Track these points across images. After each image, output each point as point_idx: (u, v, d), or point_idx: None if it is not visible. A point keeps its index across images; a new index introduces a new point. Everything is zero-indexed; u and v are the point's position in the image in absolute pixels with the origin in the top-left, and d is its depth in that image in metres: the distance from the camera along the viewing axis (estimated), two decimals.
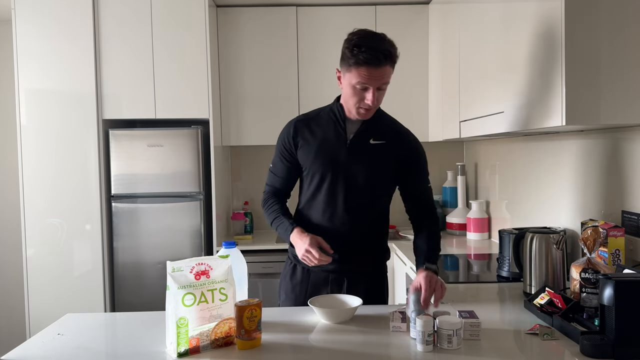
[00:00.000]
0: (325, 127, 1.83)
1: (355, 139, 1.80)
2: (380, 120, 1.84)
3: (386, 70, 1.66)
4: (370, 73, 1.64)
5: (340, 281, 1.85)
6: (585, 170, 2.12)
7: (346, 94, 1.75)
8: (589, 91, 1.62)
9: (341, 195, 1.81)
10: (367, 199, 1.83)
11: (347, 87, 1.72)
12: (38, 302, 3.21)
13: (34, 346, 1.46)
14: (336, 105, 1.85)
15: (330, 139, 1.82)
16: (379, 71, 1.65)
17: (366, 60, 1.63)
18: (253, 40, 3.52)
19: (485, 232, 3.19)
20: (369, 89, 1.68)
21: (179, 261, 1.38)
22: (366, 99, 1.69)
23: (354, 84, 1.68)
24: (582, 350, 1.33)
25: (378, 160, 1.80)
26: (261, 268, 3.21)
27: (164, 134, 3.23)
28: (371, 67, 1.64)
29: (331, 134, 1.82)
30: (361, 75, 1.65)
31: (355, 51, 1.63)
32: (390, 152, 1.81)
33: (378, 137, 1.81)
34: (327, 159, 1.80)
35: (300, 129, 1.85)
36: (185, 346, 1.35)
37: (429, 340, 1.36)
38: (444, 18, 3.19)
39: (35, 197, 3.19)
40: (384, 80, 1.68)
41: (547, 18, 1.74)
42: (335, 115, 1.83)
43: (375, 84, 1.67)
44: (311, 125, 1.85)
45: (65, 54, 3.17)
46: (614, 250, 1.80)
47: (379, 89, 1.69)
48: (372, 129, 1.81)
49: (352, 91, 1.70)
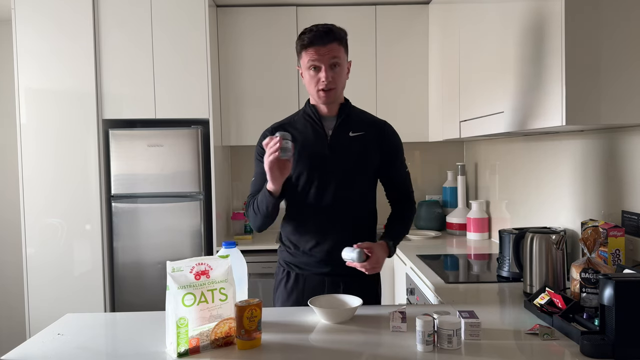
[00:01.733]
0: (303, 128, 1.87)
1: (335, 134, 1.85)
2: (354, 114, 1.90)
3: (332, 47, 1.75)
4: (316, 51, 1.75)
5: (336, 285, 1.85)
6: (585, 170, 2.13)
7: (306, 82, 1.83)
8: (589, 91, 1.62)
9: (330, 191, 1.82)
10: (354, 192, 1.86)
11: (305, 75, 1.81)
12: (38, 302, 3.21)
13: (34, 346, 1.46)
14: (309, 106, 1.89)
15: (310, 139, 1.85)
16: (325, 48, 1.75)
17: (310, 40, 1.75)
18: (253, 40, 3.52)
19: (485, 232, 3.19)
20: (321, 68, 1.76)
21: (179, 261, 1.38)
22: (321, 78, 1.76)
23: (307, 68, 1.78)
24: (582, 350, 1.33)
25: (360, 151, 1.85)
26: (261, 268, 3.21)
27: (164, 134, 3.23)
28: (316, 46, 1.75)
29: (310, 133, 1.86)
30: (309, 55, 1.76)
31: (301, 36, 1.78)
32: (371, 143, 1.87)
33: (356, 129, 1.87)
34: (311, 157, 1.83)
35: (274, 129, 1.87)
36: (185, 346, 1.35)
37: (429, 340, 1.36)
38: (444, 18, 3.19)
39: (35, 197, 3.19)
40: (332, 55, 1.76)
41: (547, 18, 1.74)
42: (310, 116, 1.87)
43: (325, 61, 1.75)
44: (288, 129, 1.86)
45: (65, 54, 3.17)
46: (614, 250, 1.80)
47: (332, 68, 1.77)
48: (349, 122, 1.87)
49: (308, 76, 1.79)
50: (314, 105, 1.88)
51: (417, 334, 1.37)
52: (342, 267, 1.82)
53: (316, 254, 1.85)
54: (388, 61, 3.55)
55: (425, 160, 3.89)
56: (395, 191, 1.97)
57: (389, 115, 2.30)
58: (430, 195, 3.84)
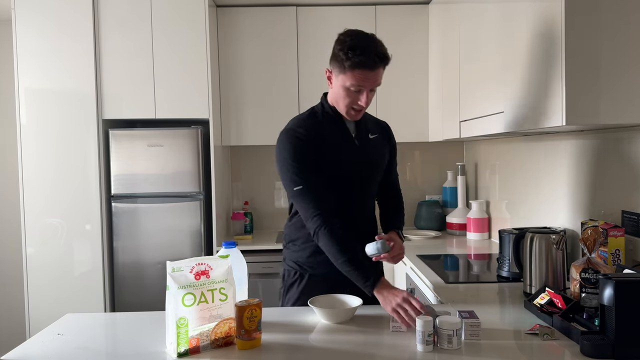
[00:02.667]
0: (329, 129, 1.80)
1: (358, 135, 1.85)
2: (365, 116, 1.89)
3: (380, 72, 1.70)
4: (365, 75, 1.66)
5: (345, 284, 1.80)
6: (585, 170, 2.12)
7: (337, 94, 1.74)
8: (588, 91, 1.62)
9: (358, 190, 1.84)
10: (374, 192, 1.93)
11: (340, 88, 1.72)
12: (38, 302, 3.21)
13: (34, 346, 1.46)
14: (329, 107, 1.81)
15: (337, 139, 1.80)
16: (373, 73, 1.67)
17: (362, 63, 1.63)
18: (253, 40, 3.52)
19: (485, 232, 3.19)
20: (362, 91, 1.70)
21: (179, 261, 1.38)
22: (360, 101, 1.71)
23: (347, 86, 1.69)
24: (582, 350, 1.33)
25: (379, 152, 1.90)
26: (261, 268, 3.21)
27: (164, 134, 3.23)
28: (366, 70, 1.65)
29: (336, 134, 1.81)
30: (356, 78, 1.66)
31: (351, 54, 1.63)
32: (384, 144, 1.93)
33: (371, 131, 1.89)
34: (341, 157, 1.78)
35: (308, 138, 1.75)
36: (185, 346, 1.35)
37: (429, 340, 1.36)
38: (444, 18, 3.19)
39: (35, 197, 3.19)
40: (378, 82, 1.71)
41: (547, 17, 1.74)
42: (332, 117, 1.81)
43: (369, 86, 1.69)
44: (311, 132, 1.76)
45: (65, 54, 3.17)
46: (614, 250, 1.80)
47: (371, 91, 1.72)
48: (365, 124, 1.88)
49: (345, 93, 1.71)
50: (333, 106, 1.81)
51: (417, 334, 1.37)
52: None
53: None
54: None
55: (425, 160, 3.89)
56: (389, 190, 2.00)
57: (389, 115, 2.30)
58: (430, 195, 3.84)
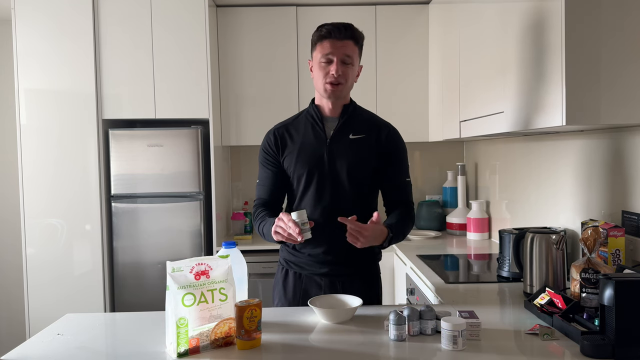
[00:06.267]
0: (304, 130, 1.88)
1: (335, 136, 1.84)
2: (358, 116, 1.89)
3: (348, 43, 1.77)
4: (333, 44, 1.76)
5: (334, 286, 1.85)
6: (586, 171, 2.12)
7: (315, 75, 1.83)
8: (589, 91, 1.62)
9: (328, 193, 1.82)
10: (352, 194, 1.83)
11: (315, 67, 1.82)
12: (38, 302, 3.21)
13: (34, 346, 1.46)
14: (312, 107, 1.89)
15: (310, 140, 1.85)
16: (341, 43, 1.76)
17: (329, 32, 1.77)
18: (253, 40, 3.52)
19: (486, 232, 3.19)
20: (332, 61, 1.77)
21: (178, 261, 1.38)
22: (331, 71, 1.77)
23: (319, 60, 1.78)
24: (582, 350, 1.33)
25: (359, 154, 1.83)
26: (261, 268, 3.21)
27: (164, 134, 3.23)
28: (334, 39, 1.76)
29: (310, 135, 1.86)
30: (324, 48, 1.77)
31: (319, 28, 1.80)
32: (371, 145, 1.84)
33: (357, 132, 1.86)
34: (310, 159, 1.83)
35: (280, 135, 1.89)
36: (185, 346, 1.35)
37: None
38: (444, 18, 3.19)
39: (35, 198, 3.19)
40: (347, 52, 1.76)
41: (547, 17, 1.74)
42: (313, 117, 1.87)
43: (338, 55, 1.76)
44: (290, 130, 1.89)
45: (65, 54, 3.17)
46: (614, 250, 1.80)
47: (343, 63, 1.77)
48: (350, 124, 1.86)
49: (319, 68, 1.80)
50: (317, 106, 1.88)
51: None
52: (339, 267, 1.82)
53: (314, 255, 1.85)
54: (388, 61, 3.55)
55: (425, 160, 3.89)
56: (392, 198, 1.89)
57: (389, 115, 2.29)
58: (430, 195, 3.84)
